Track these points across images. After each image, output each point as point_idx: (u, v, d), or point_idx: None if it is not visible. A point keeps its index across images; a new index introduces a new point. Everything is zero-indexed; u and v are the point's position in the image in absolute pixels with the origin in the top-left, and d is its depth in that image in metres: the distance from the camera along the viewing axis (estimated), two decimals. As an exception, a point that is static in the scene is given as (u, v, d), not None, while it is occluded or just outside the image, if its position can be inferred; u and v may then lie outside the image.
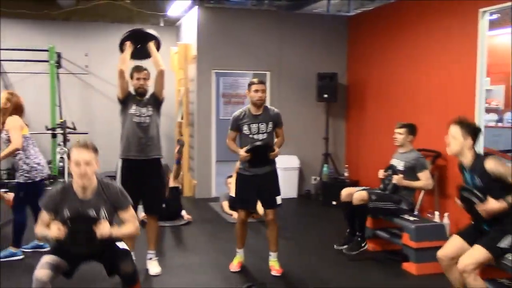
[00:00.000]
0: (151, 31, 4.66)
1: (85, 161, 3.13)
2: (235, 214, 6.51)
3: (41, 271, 3.03)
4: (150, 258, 4.66)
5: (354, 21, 8.38)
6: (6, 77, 9.06)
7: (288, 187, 7.77)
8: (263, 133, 4.48)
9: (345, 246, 5.16)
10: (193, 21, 8.16)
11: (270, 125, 4.51)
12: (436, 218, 5.73)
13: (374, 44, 7.75)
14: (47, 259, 3.12)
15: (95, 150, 3.21)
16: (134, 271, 3.24)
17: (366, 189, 5.26)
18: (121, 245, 3.27)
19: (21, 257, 4.93)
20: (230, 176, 7.10)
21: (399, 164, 5.16)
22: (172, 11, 9.00)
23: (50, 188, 3.27)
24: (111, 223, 3.20)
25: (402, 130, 5.21)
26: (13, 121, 4.82)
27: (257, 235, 5.77)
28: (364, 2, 7.81)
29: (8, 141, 4.83)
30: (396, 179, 5.03)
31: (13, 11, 8.89)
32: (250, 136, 4.47)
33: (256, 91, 4.46)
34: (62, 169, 8.24)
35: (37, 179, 4.92)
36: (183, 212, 6.54)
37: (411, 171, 5.06)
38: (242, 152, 4.38)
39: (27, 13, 8.95)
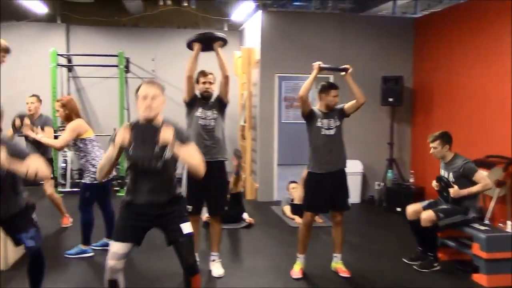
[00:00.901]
0: (218, 33, 4.71)
1: (152, 95, 3.18)
2: (297, 219, 6.49)
3: (112, 262, 3.18)
4: (213, 260, 4.71)
5: (421, 22, 8.15)
6: (78, 81, 9.47)
7: (351, 192, 7.60)
8: (333, 128, 4.57)
9: (415, 262, 5.04)
10: (256, 26, 8.21)
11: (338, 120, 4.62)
12: (509, 228, 5.46)
13: (442, 47, 7.50)
14: (114, 248, 3.22)
15: (162, 88, 3.27)
16: (195, 261, 3.32)
17: (430, 204, 5.08)
18: (186, 228, 3.30)
19: (90, 254, 5.13)
20: (293, 181, 7.07)
21: (448, 175, 4.98)
22: (236, 15, 9.12)
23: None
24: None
25: (436, 143, 5.00)
26: (71, 125, 5.00)
27: (316, 241, 5.70)
28: (431, 3, 7.60)
29: (75, 145, 5.04)
30: (453, 192, 4.83)
31: (85, 18, 9.31)
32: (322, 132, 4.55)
33: (335, 96, 4.58)
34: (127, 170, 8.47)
35: (103, 180, 5.07)
36: (245, 215, 6.58)
37: (463, 179, 4.85)
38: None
39: (98, 20, 9.34)
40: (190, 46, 4.62)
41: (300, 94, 4.56)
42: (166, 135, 3.04)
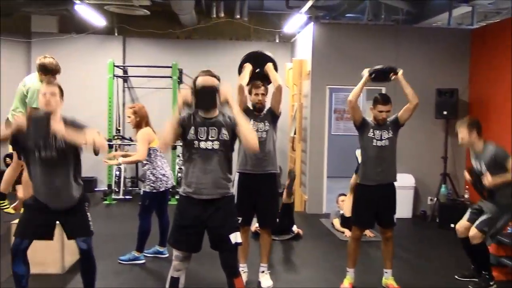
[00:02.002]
0: (268, 53, 4.77)
1: (210, 84, 3.33)
2: (347, 232, 6.42)
3: (175, 262, 3.40)
4: (263, 271, 4.72)
5: (478, 34, 7.94)
6: (133, 92, 9.75)
7: (402, 206, 7.47)
8: (385, 139, 4.50)
9: (468, 279, 4.89)
10: (308, 37, 8.22)
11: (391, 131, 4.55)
12: None
13: (500, 59, 7.27)
14: (177, 252, 3.39)
15: (217, 78, 3.41)
16: (236, 265, 3.45)
17: (473, 213, 4.84)
18: (234, 238, 3.34)
19: (143, 261, 5.24)
20: (342, 194, 7.01)
21: (480, 165, 4.67)
22: (288, 28, 9.17)
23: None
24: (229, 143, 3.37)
25: (462, 130, 4.71)
26: (142, 134, 5.12)
27: (367, 256, 5.62)
28: (488, 14, 7.40)
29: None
30: (487, 181, 4.46)
31: (141, 31, 9.59)
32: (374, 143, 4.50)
33: (381, 111, 4.49)
34: (180, 179, 8.65)
35: (161, 189, 5.18)
36: (294, 227, 6.56)
37: (496, 166, 4.51)
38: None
39: (153, 32, 9.60)
40: (239, 70, 4.71)
41: (349, 99, 4.52)
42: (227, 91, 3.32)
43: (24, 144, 3.64)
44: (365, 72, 4.62)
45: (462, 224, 4.91)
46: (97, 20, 8.66)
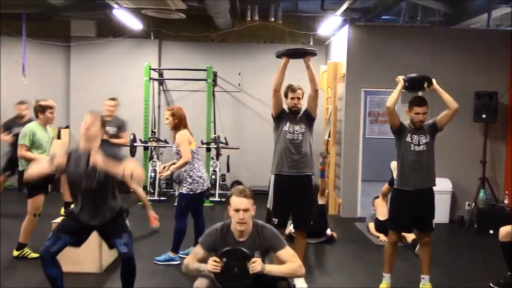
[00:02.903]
0: (308, 48, 4.77)
1: (244, 208, 3.30)
2: (382, 237, 6.34)
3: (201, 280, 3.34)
4: (297, 274, 4.70)
5: (519, 35, 7.74)
6: (168, 94, 9.87)
7: (439, 211, 7.23)
8: (423, 144, 4.42)
9: (502, 288, 4.76)
10: (343, 40, 8.17)
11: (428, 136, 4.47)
12: None
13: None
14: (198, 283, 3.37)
15: (253, 197, 3.36)
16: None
17: None
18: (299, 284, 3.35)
19: (178, 262, 5.28)
20: (378, 197, 6.93)
21: None
22: (322, 30, 9.13)
23: (211, 228, 3.49)
24: (264, 262, 3.28)
25: None
26: (182, 136, 5.17)
27: (403, 260, 5.53)
28: (530, 15, 7.20)
29: (178, 154, 5.20)
30: None
31: (176, 34, 9.71)
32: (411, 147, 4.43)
33: (417, 114, 4.41)
34: (214, 181, 8.71)
35: (198, 191, 5.23)
36: (328, 230, 6.51)
37: None
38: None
39: (188, 36, 9.71)
40: (279, 57, 4.70)
41: (387, 105, 4.47)
42: (257, 267, 3.16)
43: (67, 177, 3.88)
44: (400, 79, 4.56)
45: (506, 228, 4.81)
46: (134, 24, 8.80)
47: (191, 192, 5.17)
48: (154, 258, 5.34)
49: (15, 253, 5.37)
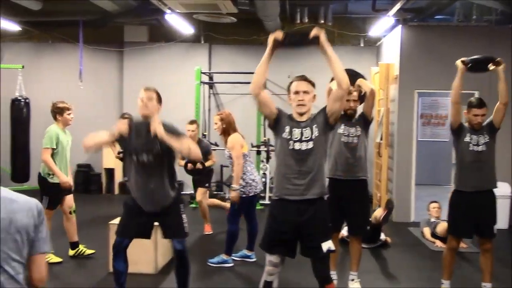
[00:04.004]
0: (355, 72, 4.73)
1: (303, 90, 3.38)
2: (438, 243, 6.17)
3: (269, 268, 3.42)
4: (352, 279, 4.64)
5: None
6: (218, 98, 9.96)
7: (498, 216, 7.08)
8: (482, 144, 4.30)
9: None
10: (395, 41, 8.02)
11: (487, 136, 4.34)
12: None
13: None
14: (270, 257, 3.42)
15: (312, 83, 3.45)
16: (328, 273, 3.44)
17: None
18: (326, 246, 3.30)
19: (231, 264, 5.32)
20: (434, 201, 6.75)
21: None
22: (373, 31, 8.99)
23: None
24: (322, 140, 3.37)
25: None
26: (234, 140, 5.20)
27: (461, 268, 5.36)
28: None
29: (230, 158, 5.22)
30: None
31: (226, 38, 9.79)
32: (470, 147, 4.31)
33: (476, 115, 4.28)
34: (264, 184, 8.72)
35: (251, 194, 5.24)
36: (382, 235, 6.39)
37: None
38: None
39: (238, 39, 9.76)
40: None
41: (452, 100, 4.32)
42: None
43: (124, 148, 3.84)
44: (459, 63, 4.37)
45: None
46: (185, 28, 8.93)
47: (243, 195, 5.18)
48: (207, 259, 5.37)
49: (71, 252, 5.53)
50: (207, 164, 6.44)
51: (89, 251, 5.54)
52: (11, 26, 8.92)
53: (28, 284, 2.10)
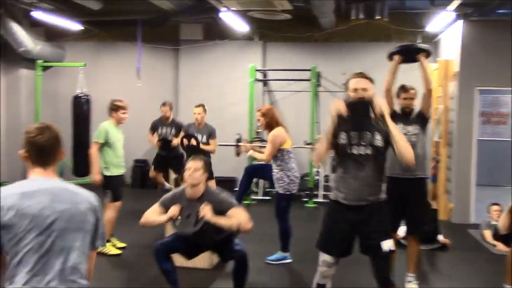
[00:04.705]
0: (422, 45, 4.59)
1: (362, 87, 3.28)
2: (500, 246, 5.94)
3: (322, 268, 3.37)
4: (410, 281, 4.54)
5: None
6: (271, 95, 9.97)
7: None
8: None
9: None
10: (455, 36, 7.77)
11: None
12: None
13: None
14: (323, 257, 3.38)
15: (371, 80, 3.35)
16: (388, 274, 3.35)
17: None
18: (386, 245, 3.24)
19: (289, 260, 5.31)
20: (495, 204, 6.50)
21: None
22: (431, 27, 8.74)
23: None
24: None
25: None
26: (273, 135, 5.17)
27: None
28: None
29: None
30: None
31: (280, 35, 9.77)
32: None
33: None
34: (317, 182, 8.67)
35: (294, 191, 5.22)
36: (440, 237, 6.21)
37: None
38: None
39: (292, 36, 9.73)
40: (391, 57, 4.55)
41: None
42: None
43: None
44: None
45: None
46: (240, 26, 8.98)
47: (287, 193, 5.16)
48: (265, 257, 5.37)
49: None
50: (206, 148, 6.73)
51: (118, 246, 5.67)
52: (74, 25, 9.24)
53: None
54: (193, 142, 6.50)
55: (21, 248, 2.01)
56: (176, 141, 7.05)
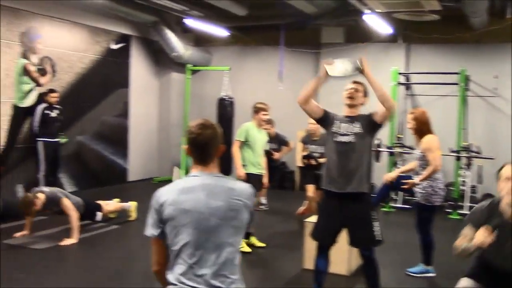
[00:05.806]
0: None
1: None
2: None
3: None
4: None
5: None
6: (414, 99, 9.57)
7: None
8: None
9: None
10: None
11: None
12: None
13: None
14: (464, 283, 3.08)
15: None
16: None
17: None
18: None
19: (433, 274, 5.04)
20: None
21: None
22: None
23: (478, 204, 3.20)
24: None
25: None
26: (431, 141, 4.83)
27: None
28: None
29: (422, 160, 4.85)
30: None
31: (425, 36, 9.34)
32: None
33: None
34: (463, 192, 8.14)
35: (436, 203, 4.88)
36: None
37: None
38: None
39: (439, 38, 9.24)
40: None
41: None
42: None
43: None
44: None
45: None
46: (383, 28, 8.76)
47: (428, 204, 4.84)
48: (405, 268, 5.18)
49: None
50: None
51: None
52: (221, 31, 9.73)
53: None
54: (312, 162, 6.59)
55: (180, 241, 2.15)
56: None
